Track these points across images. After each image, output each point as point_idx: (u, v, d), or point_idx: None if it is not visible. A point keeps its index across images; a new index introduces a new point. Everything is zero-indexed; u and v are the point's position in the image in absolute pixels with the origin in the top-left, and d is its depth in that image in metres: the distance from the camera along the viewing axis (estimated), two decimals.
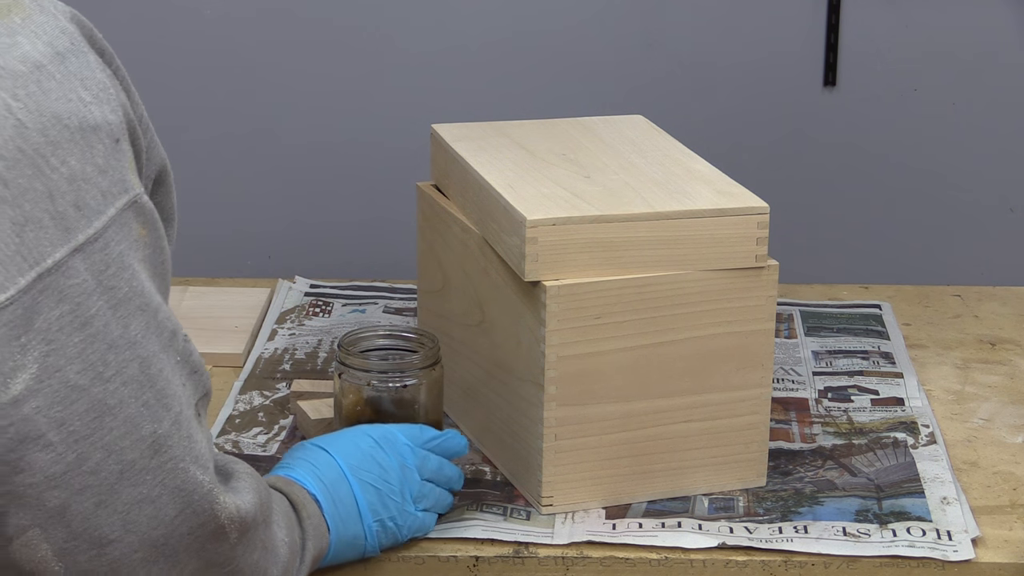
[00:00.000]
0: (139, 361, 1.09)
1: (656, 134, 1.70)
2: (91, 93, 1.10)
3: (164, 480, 1.10)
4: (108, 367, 1.07)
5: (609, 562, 1.43)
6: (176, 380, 1.12)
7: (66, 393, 1.06)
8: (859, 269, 2.65)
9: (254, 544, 1.19)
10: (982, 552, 1.44)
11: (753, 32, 2.66)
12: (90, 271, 1.06)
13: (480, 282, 1.57)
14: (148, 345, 1.09)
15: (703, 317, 1.48)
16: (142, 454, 1.09)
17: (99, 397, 1.07)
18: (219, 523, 1.14)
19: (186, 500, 1.12)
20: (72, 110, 1.08)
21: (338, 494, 1.35)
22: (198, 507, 1.12)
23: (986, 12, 2.65)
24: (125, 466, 1.08)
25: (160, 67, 2.64)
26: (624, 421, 1.48)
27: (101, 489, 1.08)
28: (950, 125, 2.70)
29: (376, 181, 2.71)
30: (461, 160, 1.60)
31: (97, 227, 1.07)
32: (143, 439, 1.09)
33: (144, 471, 1.09)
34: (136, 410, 1.08)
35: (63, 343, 1.05)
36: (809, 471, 1.57)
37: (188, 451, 1.12)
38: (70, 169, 1.07)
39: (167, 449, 1.10)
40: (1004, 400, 1.73)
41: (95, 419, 1.07)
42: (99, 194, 1.08)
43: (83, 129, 1.08)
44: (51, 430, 1.05)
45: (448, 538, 1.45)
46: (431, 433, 1.45)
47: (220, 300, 1.95)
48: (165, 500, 1.10)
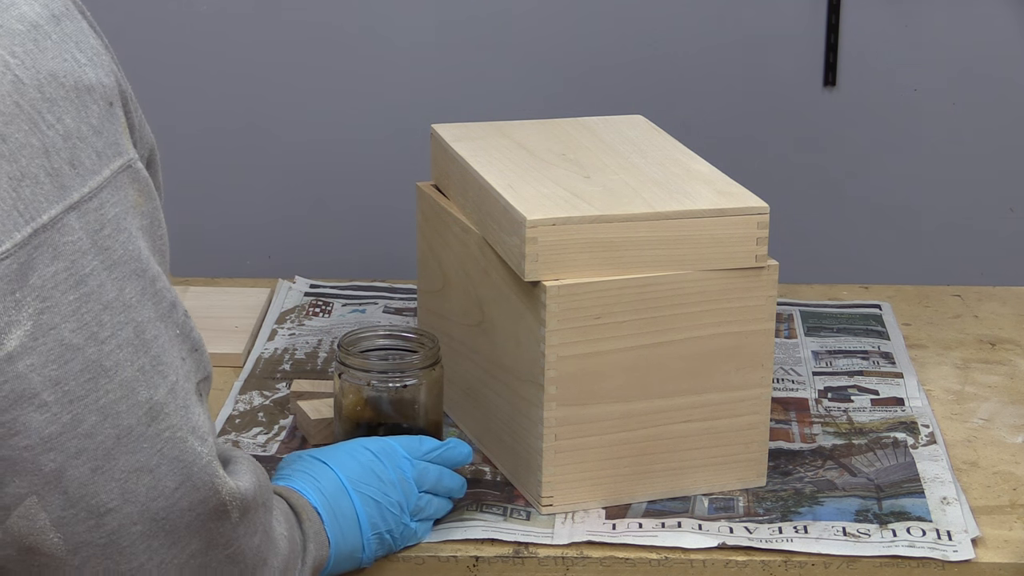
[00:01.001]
0: (134, 325, 1.08)
1: (656, 134, 1.70)
2: (85, 56, 1.11)
3: (162, 449, 1.10)
4: (103, 328, 1.07)
5: (609, 562, 1.43)
6: (174, 351, 1.12)
7: (60, 352, 1.05)
8: (859, 269, 2.65)
9: (255, 526, 1.18)
10: (982, 552, 1.44)
11: (753, 32, 2.66)
12: (85, 229, 1.06)
13: (480, 282, 1.57)
14: (143, 311, 1.09)
15: (703, 317, 1.48)
16: (139, 420, 1.08)
17: (94, 358, 1.06)
18: (220, 499, 1.13)
19: (185, 472, 1.11)
20: (68, 69, 1.09)
21: (339, 507, 1.35)
22: (198, 480, 1.12)
23: (986, 12, 2.65)
24: (122, 431, 1.08)
25: (158, 65, 2.64)
26: (624, 421, 1.48)
27: (97, 454, 1.07)
28: (950, 125, 2.70)
29: (376, 181, 2.71)
30: (461, 160, 1.60)
31: (92, 186, 1.07)
32: (139, 404, 1.08)
33: (141, 438, 1.09)
34: (132, 374, 1.08)
35: (58, 300, 1.05)
36: (809, 471, 1.57)
37: (186, 421, 1.11)
38: (65, 127, 1.07)
39: (164, 417, 1.10)
40: (1004, 400, 1.73)
41: (90, 380, 1.07)
42: (94, 153, 1.08)
43: (78, 88, 1.09)
44: (45, 389, 1.05)
45: (448, 538, 1.45)
46: (431, 444, 1.44)
47: (220, 300, 1.95)
48: (164, 470, 1.10)
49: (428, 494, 1.42)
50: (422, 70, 2.68)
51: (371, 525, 1.37)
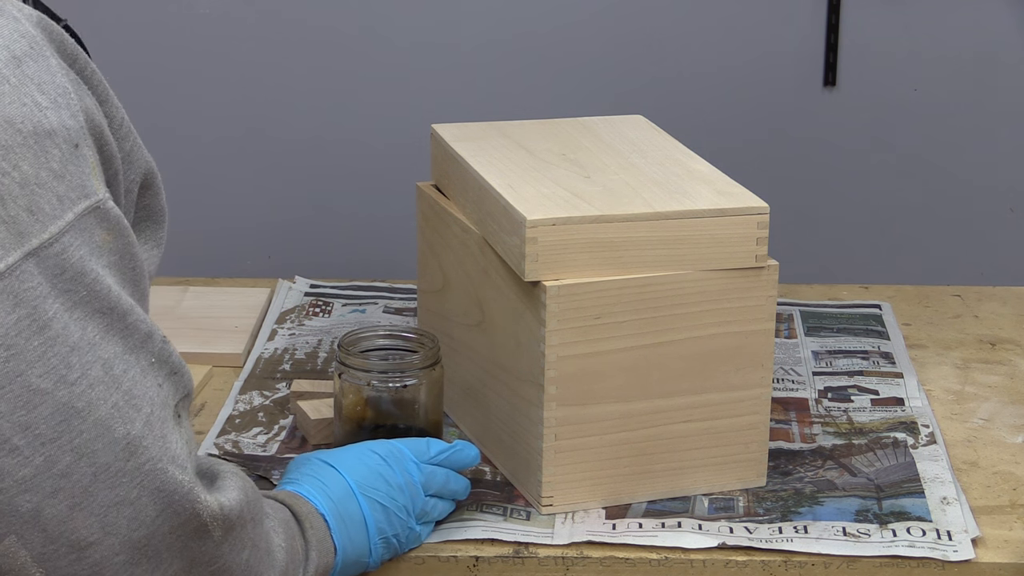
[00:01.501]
0: (102, 363, 1.08)
1: (656, 134, 1.70)
2: (48, 98, 1.09)
3: (142, 482, 1.10)
4: (71, 370, 1.07)
5: (609, 562, 1.43)
6: (148, 381, 1.11)
7: (28, 397, 1.05)
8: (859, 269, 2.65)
9: (242, 542, 1.18)
10: (982, 552, 1.44)
11: (753, 32, 2.66)
12: (44, 275, 1.06)
13: (480, 282, 1.57)
14: (109, 347, 1.09)
15: (703, 317, 1.48)
16: (116, 456, 1.08)
17: (65, 400, 1.06)
18: (201, 521, 1.13)
19: (166, 500, 1.11)
20: (26, 114, 1.07)
21: (346, 512, 1.35)
22: (179, 507, 1.12)
23: (986, 12, 2.65)
24: (99, 469, 1.08)
25: (158, 67, 2.64)
26: (624, 421, 1.48)
27: (74, 492, 1.07)
28: (950, 125, 2.70)
29: (376, 181, 2.71)
30: (461, 160, 1.60)
31: (53, 231, 1.07)
32: (116, 441, 1.08)
33: (120, 473, 1.09)
34: (106, 412, 1.08)
35: (22, 348, 1.05)
36: (809, 471, 1.57)
37: (164, 451, 1.11)
38: (22, 174, 1.06)
39: (143, 451, 1.09)
40: (1004, 400, 1.73)
41: (62, 422, 1.06)
42: (55, 199, 1.07)
43: (37, 134, 1.07)
44: (16, 434, 1.05)
45: (448, 538, 1.45)
46: (438, 447, 1.44)
47: (220, 300, 1.95)
48: (144, 501, 1.10)
49: (434, 497, 1.42)
50: (422, 70, 2.68)
51: (378, 530, 1.37)
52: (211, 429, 1.64)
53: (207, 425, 1.65)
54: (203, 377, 1.75)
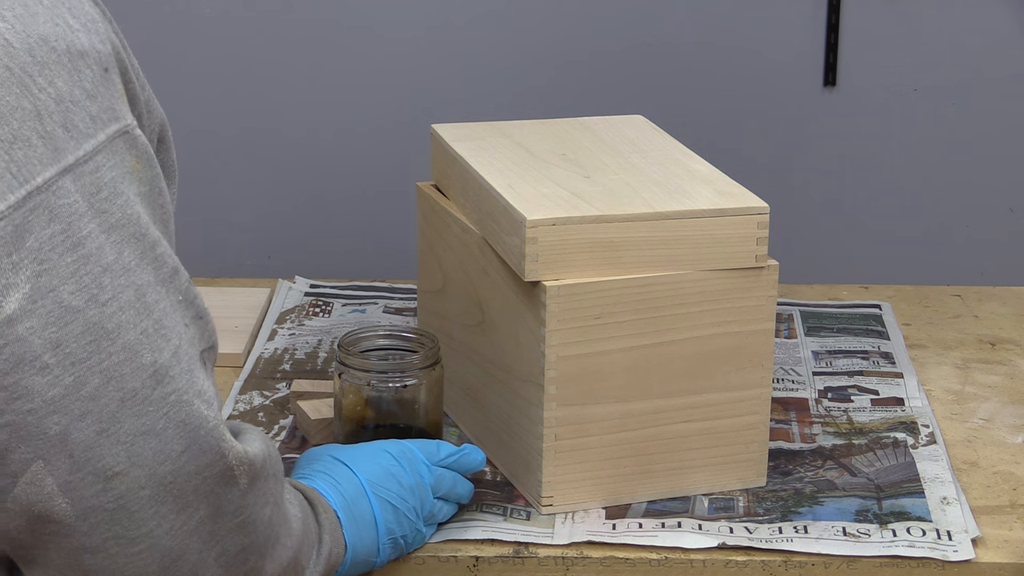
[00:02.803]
0: (135, 288, 1.08)
1: (656, 134, 1.70)
2: (79, 21, 1.10)
3: (168, 412, 1.09)
4: (103, 290, 1.06)
5: (609, 562, 1.43)
6: (176, 316, 1.11)
7: (60, 314, 1.05)
8: (859, 269, 2.65)
9: (266, 496, 1.18)
10: (982, 552, 1.44)
11: (753, 32, 2.67)
12: (81, 192, 1.06)
13: (480, 282, 1.57)
14: (143, 274, 1.09)
15: (703, 317, 1.48)
16: (144, 383, 1.08)
17: (95, 320, 1.06)
18: (227, 463, 1.13)
19: (192, 435, 1.10)
20: (59, 34, 1.08)
21: (358, 510, 1.35)
22: (204, 443, 1.11)
23: (986, 12, 2.65)
24: (126, 394, 1.07)
25: (159, 66, 2.64)
26: (624, 421, 1.48)
27: (102, 416, 1.07)
28: (950, 125, 2.70)
29: (376, 181, 2.71)
30: (461, 160, 1.60)
31: (87, 149, 1.07)
32: (143, 367, 1.08)
33: (147, 401, 1.08)
34: (135, 337, 1.08)
35: (55, 263, 1.05)
36: (809, 471, 1.57)
37: (191, 384, 1.10)
38: (57, 90, 1.07)
39: (169, 380, 1.09)
40: (1004, 400, 1.73)
41: (92, 342, 1.06)
42: (88, 118, 1.08)
43: (70, 53, 1.08)
44: (46, 352, 1.05)
45: (448, 538, 1.45)
46: (448, 449, 1.44)
47: (220, 300, 1.95)
48: (170, 434, 1.09)
49: (440, 500, 1.43)
50: (422, 70, 2.68)
51: (387, 530, 1.37)
52: None
53: None
54: None
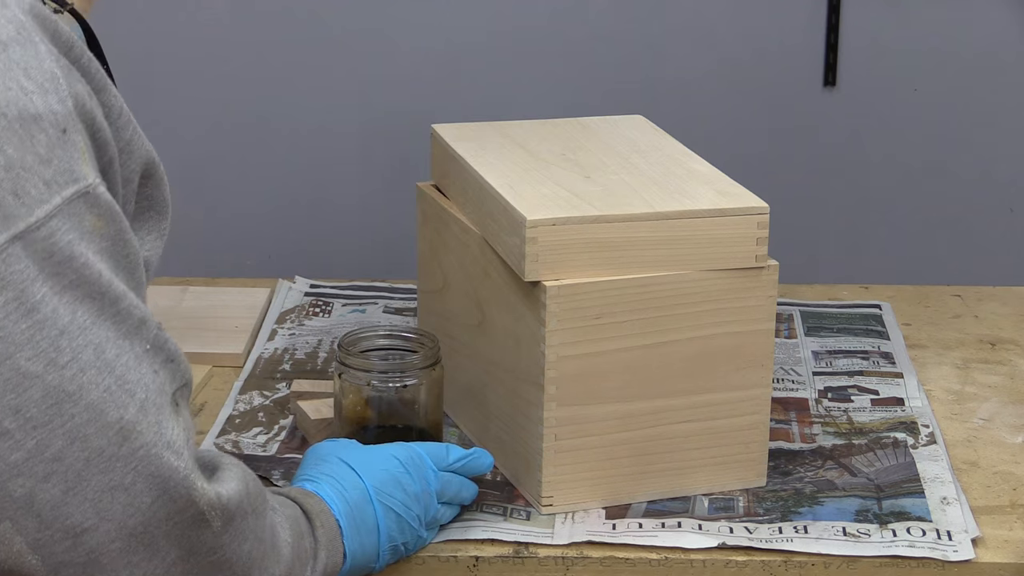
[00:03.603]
0: (93, 347, 1.08)
1: (656, 134, 1.70)
2: (35, 83, 1.09)
3: (136, 467, 1.09)
4: (61, 353, 1.07)
5: (609, 562, 1.43)
6: (143, 368, 1.11)
7: (18, 380, 1.05)
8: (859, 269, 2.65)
9: (243, 534, 1.18)
10: (982, 552, 1.44)
11: (753, 32, 2.67)
12: (32, 258, 1.06)
13: (480, 282, 1.57)
14: (101, 331, 1.09)
15: (703, 317, 1.48)
16: (110, 441, 1.08)
17: (55, 383, 1.06)
18: (198, 509, 1.13)
19: (161, 486, 1.11)
20: (11, 99, 1.07)
21: (361, 517, 1.35)
22: (175, 493, 1.11)
23: (986, 12, 2.65)
24: (92, 453, 1.08)
25: (160, 66, 2.64)
26: (624, 421, 1.48)
27: (67, 476, 1.07)
28: (950, 125, 2.70)
29: (376, 181, 2.71)
30: (461, 160, 1.60)
31: (40, 215, 1.07)
32: (109, 425, 1.08)
33: (114, 458, 1.08)
34: (98, 396, 1.08)
35: (10, 330, 1.05)
36: (809, 471, 1.57)
37: (159, 436, 1.10)
38: (7, 158, 1.06)
39: (136, 436, 1.09)
40: (1004, 400, 1.73)
41: (53, 406, 1.06)
42: (41, 183, 1.07)
43: (23, 118, 1.07)
44: (6, 418, 1.05)
45: (448, 538, 1.45)
46: (457, 454, 1.44)
47: (220, 300, 1.95)
48: (140, 487, 1.10)
49: (444, 504, 1.43)
50: (423, 70, 2.69)
51: (389, 537, 1.37)
52: (211, 429, 1.64)
53: (207, 425, 1.65)
54: (203, 377, 1.75)
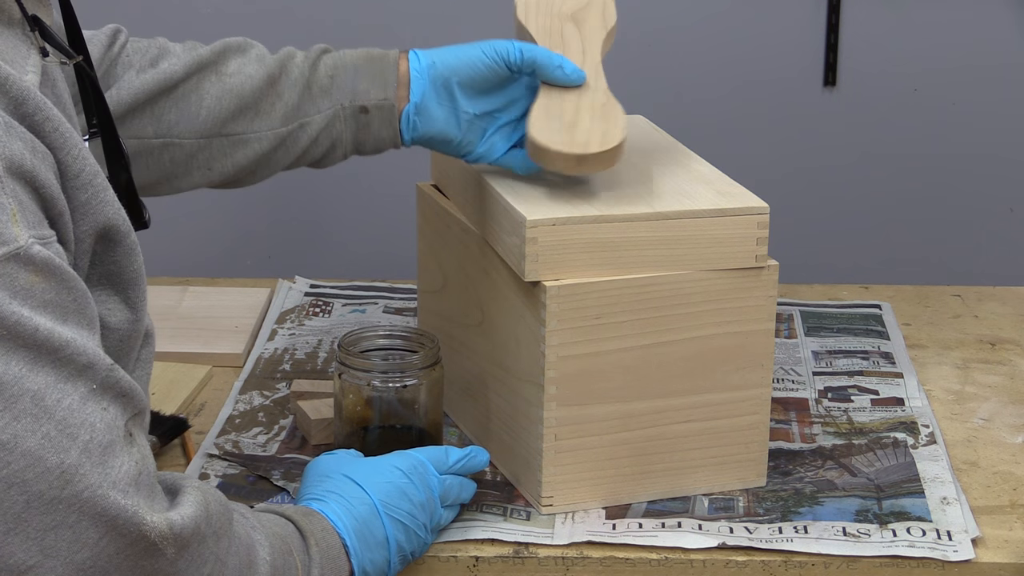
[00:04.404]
0: (30, 395, 1.08)
1: (656, 134, 1.70)
2: None
3: (81, 507, 1.10)
4: None
5: (609, 562, 1.43)
6: (89, 407, 1.11)
7: None
8: (859, 269, 2.65)
9: (201, 558, 1.17)
10: (982, 552, 1.44)
11: (753, 32, 2.66)
12: None
13: (480, 282, 1.57)
14: (37, 378, 1.09)
15: (703, 317, 1.48)
16: (50, 485, 1.08)
17: None
18: (149, 541, 1.13)
19: (108, 524, 1.11)
20: None
21: (370, 532, 1.35)
22: (123, 529, 1.11)
23: (986, 12, 2.65)
24: (31, 496, 1.08)
25: None
26: (624, 421, 1.48)
27: (7, 518, 1.08)
28: (950, 125, 2.70)
29: (376, 181, 2.71)
30: (461, 160, 1.60)
31: None
32: (49, 471, 1.08)
33: (55, 500, 1.09)
34: (36, 443, 1.08)
35: None
36: (809, 471, 1.57)
37: (104, 477, 1.10)
38: None
39: (80, 479, 1.09)
40: (1004, 400, 1.73)
41: None
42: None
43: None
44: None
45: (448, 538, 1.45)
46: (456, 455, 1.44)
47: (220, 300, 1.95)
48: (85, 525, 1.10)
49: (447, 507, 1.43)
50: None
51: (398, 548, 1.37)
52: (211, 429, 1.64)
53: (207, 425, 1.65)
54: (203, 377, 1.75)
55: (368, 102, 1.52)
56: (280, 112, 1.51)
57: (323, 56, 1.54)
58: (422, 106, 1.52)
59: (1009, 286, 2.03)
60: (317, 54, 1.54)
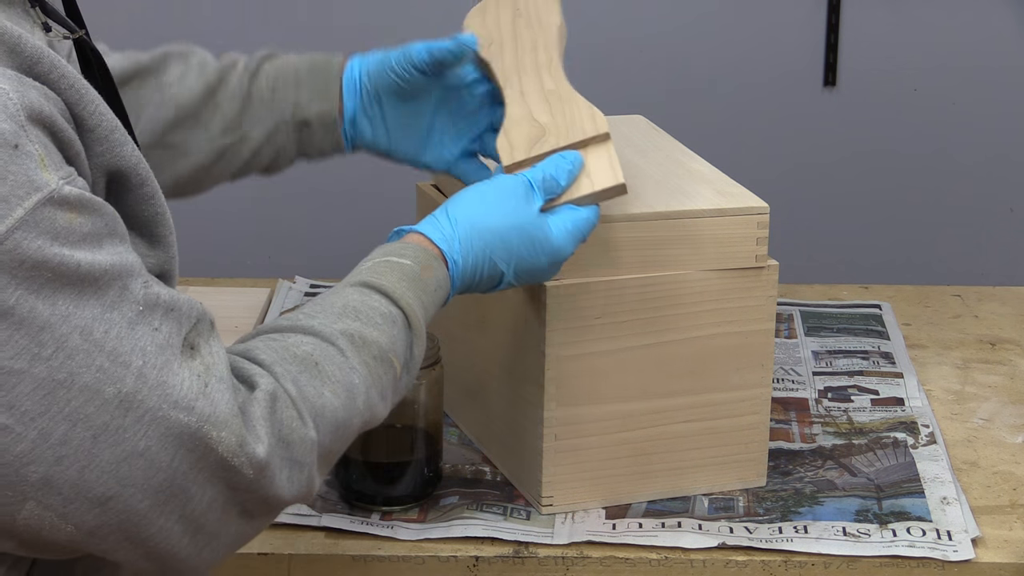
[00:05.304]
0: (79, 331, 1.09)
1: (656, 134, 1.70)
2: None
3: (147, 432, 1.11)
4: (44, 347, 1.08)
5: (609, 562, 1.43)
6: (139, 331, 1.12)
7: (3, 379, 1.07)
8: (859, 269, 2.65)
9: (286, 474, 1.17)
10: (982, 552, 1.44)
11: (753, 32, 2.67)
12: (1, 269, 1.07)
13: None
14: (85, 312, 1.10)
15: (703, 317, 1.48)
16: (112, 416, 1.10)
17: (43, 376, 1.08)
18: (219, 456, 1.13)
19: (176, 442, 1.12)
20: None
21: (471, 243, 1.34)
22: (191, 445, 1.12)
23: (986, 12, 2.65)
24: (97, 430, 1.09)
25: None
26: (624, 421, 1.48)
27: (78, 456, 1.09)
28: (950, 125, 2.70)
29: (376, 181, 2.71)
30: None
31: (1, 230, 1.08)
32: (108, 402, 1.10)
33: (120, 430, 1.10)
34: (91, 377, 1.09)
35: None
36: (809, 471, 1.57)
37: (164, 398, 1.12)
38: None
39: (139, 404, 1.11)
40: (1004, 400, 1.73)
41: (46, 396, 1.08)
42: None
43: None
44: (2, 415, 1.07)
45: (448, 538, 1.45)
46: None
47: (220, 300, 1.95)
48: (154, 449, 1.11)
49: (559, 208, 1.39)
50: None
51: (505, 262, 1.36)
52: None
53: None
54: None
55: (309, 115, 1.52)
56: (219, 124, 1.51)
57: (264, 64, 1.53)
58: (353, 118, 1.52)
59: (1009, 286, 2.03)
60: (258, 62, 1.53)
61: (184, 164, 1.51)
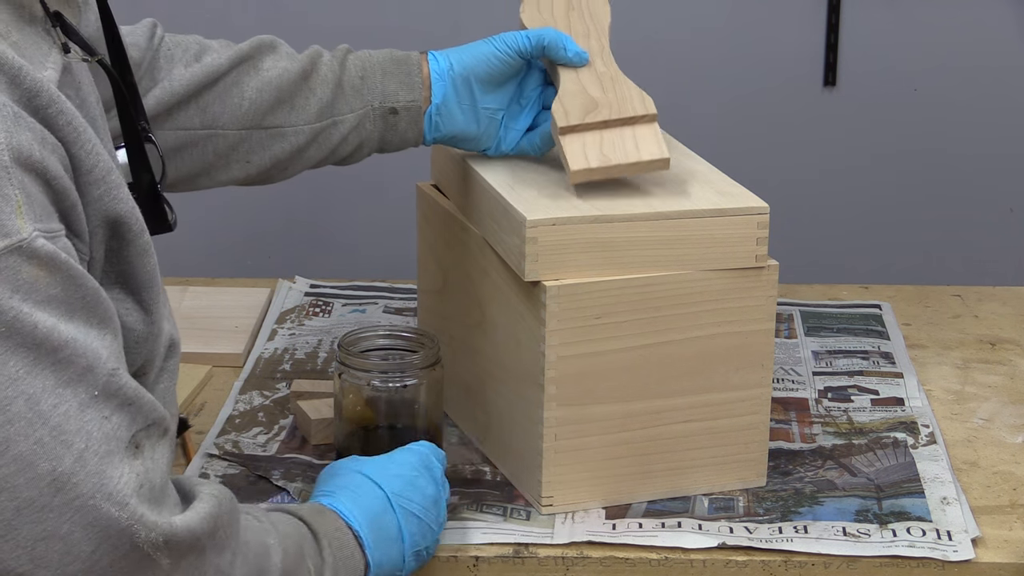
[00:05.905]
0: (25, 398, 1.07)
1: None
2: None
3: (72, 517, 1.08)
4: None
5: (609, 562, 1.43)
6: (89, 415, 1.09)
7: None
8: (859, 269, 2.65)
9: (199, 570, 1.15)
10: (982, 552, 1.44)
11: (753, 32, 2.67)
12: None
13: (480, 282, 1.57)
14: (36, 381, 1.07)
15: (703, 317, 1.48)
16: (41, 492, 1.07)
17: None
18: (143, 553, 1.11)
19: (101, 535, 1.09)
20: None
21: (383, 526, 1.35)
22: (116, 541, 1.09)
23: (986, 12, 2.65)
24: (21, 503, 1.06)
25: None
26: (624, 421, 1.48)
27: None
28: (950, 125, 2.70)
29: (376, 181, 2.71)
30: (461, 160, 1.60)
31: None
32: (40, 477, 1.07)
33: (46, 508, 1.07)
34: (27, 447, 1.06)
35: None
36: (809, 471, 1.57)
37: (99, 488, 1.08)
38: None
39: (72, 487, 1.08)
40: (1004, 400, 1.73)
41: None
42: None
43: None
44: None
45: (448, 538, 1.45)
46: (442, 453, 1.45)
47: (220, 300, 1.95)
48: (77, 536, 1.08)
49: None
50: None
51: (412, 543, 1.36)
52: (211, 429, 1.64)
53: (207, 425, 1.65)
54: (203, 377, 1.75)
55: (397, 104, 1.56)
56: (315, 107, 1.55)
57: (349, 55, 1.58)
58: (443, 107, 1.56)
59: (1009, 286, 2.03)
60: (343, 53, 1.58)
61: (282, 146, 1.56)
